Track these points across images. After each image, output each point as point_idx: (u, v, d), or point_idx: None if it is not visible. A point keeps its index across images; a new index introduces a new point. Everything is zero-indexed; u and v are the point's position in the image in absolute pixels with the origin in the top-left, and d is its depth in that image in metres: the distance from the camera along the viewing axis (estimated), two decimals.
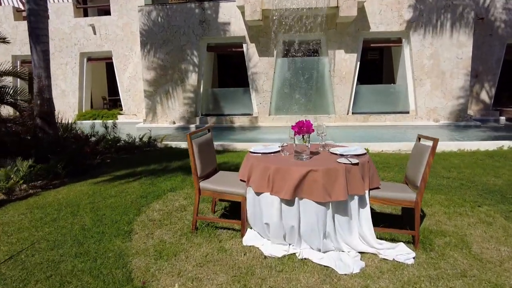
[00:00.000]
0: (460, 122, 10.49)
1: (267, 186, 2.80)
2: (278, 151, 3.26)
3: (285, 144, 3.44)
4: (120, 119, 13.57)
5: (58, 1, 14.41)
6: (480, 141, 7.26)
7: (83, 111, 14.39)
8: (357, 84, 10.86)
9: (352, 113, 10.88)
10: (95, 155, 6.34)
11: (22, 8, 18.80)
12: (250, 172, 2.98)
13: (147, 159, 6.23)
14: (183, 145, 7.33)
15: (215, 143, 7.21)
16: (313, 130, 2.91)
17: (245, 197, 3.00)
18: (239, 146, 7.12)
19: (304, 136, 2.90)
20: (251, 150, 3.32)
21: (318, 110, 10.86)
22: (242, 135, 9.71)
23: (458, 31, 10.20)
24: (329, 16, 9.98)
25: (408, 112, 10.94)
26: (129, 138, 7.42)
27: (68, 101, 14.20)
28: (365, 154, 3.10)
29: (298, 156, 2.97)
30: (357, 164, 2.79)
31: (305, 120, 2.92)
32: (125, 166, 5.72)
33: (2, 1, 16.76)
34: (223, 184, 3.20)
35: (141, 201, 4.06)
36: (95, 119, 13.69)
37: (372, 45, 10.95)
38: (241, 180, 3.15)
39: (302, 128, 2.85)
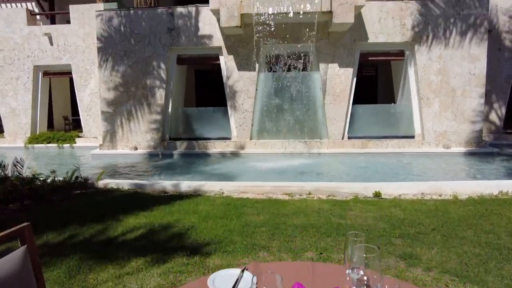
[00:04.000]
0: (475, 148, 8.92)
1: None
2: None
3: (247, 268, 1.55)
4: (79, 142, 11.65)
5: (7, 6, 12.61)
6: None
7: (37, 133, 12.37)
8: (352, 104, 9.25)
9: (348, 137, 9.20)
10: None
11: (37, 11, 16.99)
12: None
13: (60, 215, 4.27)
14: (127, 185, 5.45)
15: (176, 181, 5.50)
16: None
17: None
18: (207, 187, 5.27)
19: None
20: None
21: (308, 133, 9.14)
22: (215, 166, 7.87)
23: (469, 42, 8.77)
24: (321, 24, 8.43)
25: (413, 137, 9.34)
26: (51, 176, 5.46)
27: (19, 122, 12.20)
28: None
29: None
30: None
31: None
32: None
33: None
34: None
35: None
36: (49, 142, 11.73)
37: (370, 58, 9.42)
38: None
39: None
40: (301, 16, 8.00)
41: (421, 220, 3.92)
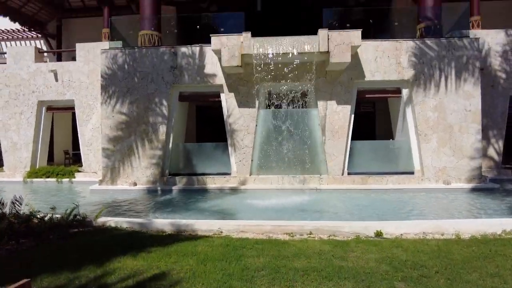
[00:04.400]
0: (475, 184, 8.90)
1: None
2: None
3: None
4: (78, 177, 11.61)
5: (16, 44, 13.06)
6: None
7: (37, 167, 12.36)
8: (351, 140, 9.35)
9: (348, 173, 9.21)
10: None
11: (45, 49, 17.61)
12: None
13: (56, 256, 4.18)
14: (125, 223, 5.38)
15: (174, 219, 5.25)
16: None
17: None
18: (205, 225, 5.20)
19: None
20: None
21: (308, 169, 9.15)
22: (215, 203, 7.79)
23: (463, 80, 9.02)
24: (319, 63, 8.72)
25: (412, 173, 9.35)
26: (49, 213, 5.41)
27: (19, 156, 12.25)
28: None
29: None
30: None
31: None
32: None
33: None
34: None
35: None
36: (48, 177, 11.70)
37: (367, 96, 9.64)
38: None
39: None
40: (299, 57, 8.29)
41: (424, 261, 3.84)
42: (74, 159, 14.37)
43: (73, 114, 13.78)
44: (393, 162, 9.60)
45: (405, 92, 9.32)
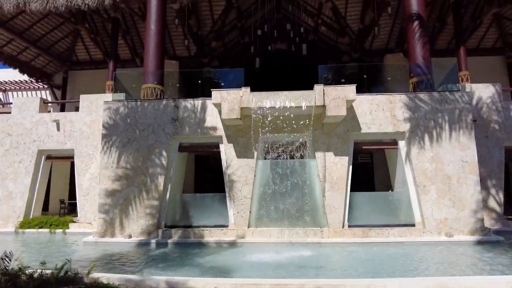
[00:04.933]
0: (479, 237, 8.70)
1: None
2: None
3: None
4: (72, 228, 11.34)
5: (23, 95, 13.46)
6: None
7: (31, 216, 12.11)
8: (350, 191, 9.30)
9: (349, 226, 9.03)
10: None
11: (50, 99, 18.18)
12: None
13: None
14: (118, 280, 5.15)
15: (168, 276, 5.01)
16: None
17: None
18: (201, 284, 4.98)
19: None
20: None
21: (308, 221, 8.99)
22: (211, 257, 7.51)
23: (458, 132, 9.22)
24: (316, 115, 8.97)
25: (413, 225, 9.18)
26: (39, 269, 5.19)
27: (13, 205, 12.05)
28: None
29: None
30: None
31: None
32: None
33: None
34: None
35: None
36: (41, 227, 11.40)
37: (364, 147, 9.78)
38: None
39: None
40: (296, 110, 8.54)
41: None
42: (70, 208, 14.13)
43: (72, 163, 13.82)
44: (394, 213, 9.47)
45: (401, 144, 9.47)
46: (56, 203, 14.29)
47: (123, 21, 15.89)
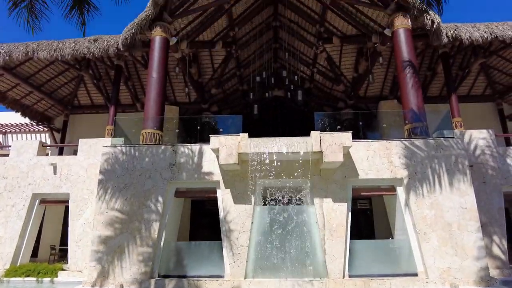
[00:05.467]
0: (485, 287, 8.38)
1: None
2: None
3: None
4: (61, 276, 10.86)
5: (22, 138, 13.54)
6: None
7: (18, 263, 11.62)
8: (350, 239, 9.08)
9: (349, 275, 8.70)
10: None
11: (49, 142, 18.28)
12: None
13: None
14: None
15: None
16: None
17: None
18: None
19: None
20: None
21: (308, 271, 8.66)
22: None
23: (455, 178, 9.22)
24: (313, 161, 9.02)
25: (416, 274, 8.86)
26: None
27: (1, 251, 11.62)
28: None
29: None
30: None
31: None
32: None
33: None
34: None
35: None
36: (28, 275, 10.92)
37: (363, 193, 9.73)
38: None
39: None
40: (293, 156, 8.60)
41: None
42: (61, 254, 13.64)
43: (66, 208, 13.56)
44: (395, 262, 9.18)
45: (399, 190, 9.43)
46: (46, 249, 13.82)
47: (126, 68, 16.49)
